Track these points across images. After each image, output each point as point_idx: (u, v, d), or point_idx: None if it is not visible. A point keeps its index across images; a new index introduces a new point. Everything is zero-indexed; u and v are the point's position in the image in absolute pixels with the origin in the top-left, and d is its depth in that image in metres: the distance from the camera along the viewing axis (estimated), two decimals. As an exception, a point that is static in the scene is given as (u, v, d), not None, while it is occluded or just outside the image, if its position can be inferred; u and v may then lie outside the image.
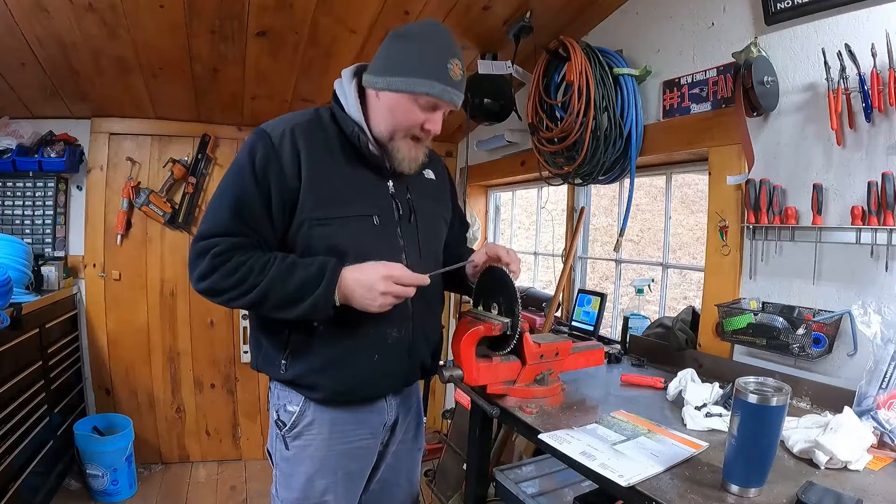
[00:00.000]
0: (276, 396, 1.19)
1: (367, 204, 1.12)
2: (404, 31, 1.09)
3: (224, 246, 1.03)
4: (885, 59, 1.15)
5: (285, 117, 1.14)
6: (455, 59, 1.08)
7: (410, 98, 1.07)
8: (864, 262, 1.22)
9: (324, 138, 1.12)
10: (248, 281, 1.02)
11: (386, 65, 1.08)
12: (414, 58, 1.06)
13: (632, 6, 1.90)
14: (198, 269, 1.04)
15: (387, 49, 1.10)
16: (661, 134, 1.76)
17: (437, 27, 1.11)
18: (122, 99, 2.58)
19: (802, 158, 1.36)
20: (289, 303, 1.03)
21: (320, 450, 1.16)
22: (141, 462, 2.83)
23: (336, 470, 1.17)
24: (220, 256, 1.03)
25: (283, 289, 1.03)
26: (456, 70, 1.08)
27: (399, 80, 1.06)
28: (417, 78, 1.05)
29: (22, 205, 2.64)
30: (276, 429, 1.18)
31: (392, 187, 1.17)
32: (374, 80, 1.10)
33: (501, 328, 1.16)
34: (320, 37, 2.10)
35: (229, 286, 1.03)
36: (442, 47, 1.07)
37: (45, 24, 1.92)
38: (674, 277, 3.79)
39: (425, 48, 1.06)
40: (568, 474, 1.53)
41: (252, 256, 1.04)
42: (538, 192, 2.89)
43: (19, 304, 2.02)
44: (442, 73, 1.06)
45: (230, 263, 1.02)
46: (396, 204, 1.17)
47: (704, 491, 0.84)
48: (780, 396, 0.79)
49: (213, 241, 1.04)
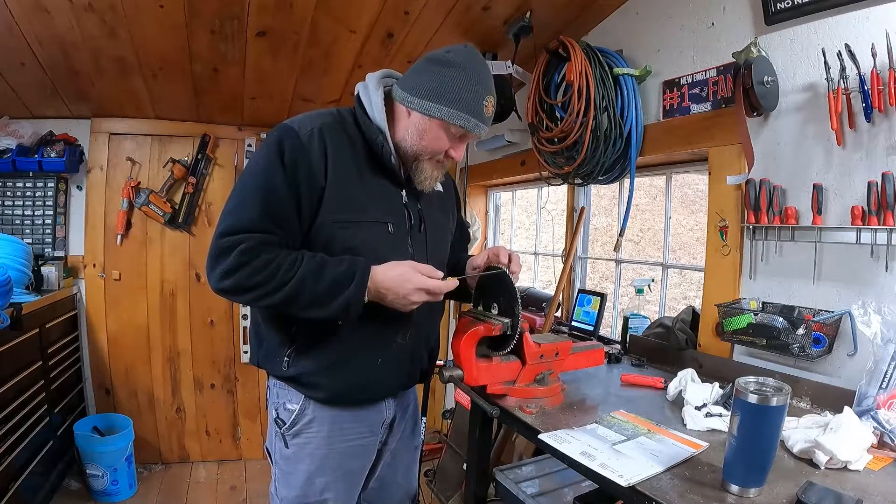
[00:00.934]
0: (275, 395, 1.19)
1: (382, 211, 1.13)
2: (448, 57, 1.08)
3: (251, 243, 1.01)
4: (885, 59, 1.14)
5: (309, 116, 1.13)
6: (490, 95, 1.11)
7: (443, 125, 1.09)
8: (864, 262, 1.22)
9: (348, 141, 1.12)
10: (276, 278, 1.00)
11: (426, 87, 1.08)
12: (455, 88, 1.07)
13: (632, 6, 1.90)
14: (221, 267, 1.01)
15: (427, 72, 1.09)
16: (661, 134, 1.76)
17: (479, 60, 1.11)
18: (122, 99, 2.58)
19: (802, 158, 1.35)
20: (320, 302, 1.02)
21: (320, 448, 1.16)
22: (141, 462, 2.83)
23: (336, 468, 1.17)
24: (248, 254, 1.00)
25: (314, 287, 1.02)
26: (489, 107, 1.12)
27: (437, 106, 1.07)
28: (455, 109, 1.07)
29: (22, 205, 2.64)
30: (276, 427, 1.18)
31: (405, 197, 1.19)
32: (409, 99, 1.10)
33: (501, 328, 1.15)
34: (320, 37, 2.10)
35: (256, 284, 1.00)
36: (482, 82, 1.09)
37: (45, 24, 1.92)
38: (674, 277, 3.79)
39: (467, 81, 1.07)
40: (568, 474, 1.53)
41: (280, 254, 1.02)
42: (538, 192, 2.89)
43: (19, 304, 2.02)
44: (478, 108, 1.09)
45: (257, 261, 1.00)
46: (408, 213, 1.18)
47: (704, 491, 0.84)
48: (780, 396, 0.79)
49: (239, 238, 1.01)
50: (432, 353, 1.32)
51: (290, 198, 1.04)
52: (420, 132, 1.11)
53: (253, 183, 1.05)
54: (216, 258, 1.02)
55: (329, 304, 1.02)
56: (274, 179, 1.04)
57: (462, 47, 1.11)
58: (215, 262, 1.02)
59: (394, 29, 2.07)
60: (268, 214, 1.03)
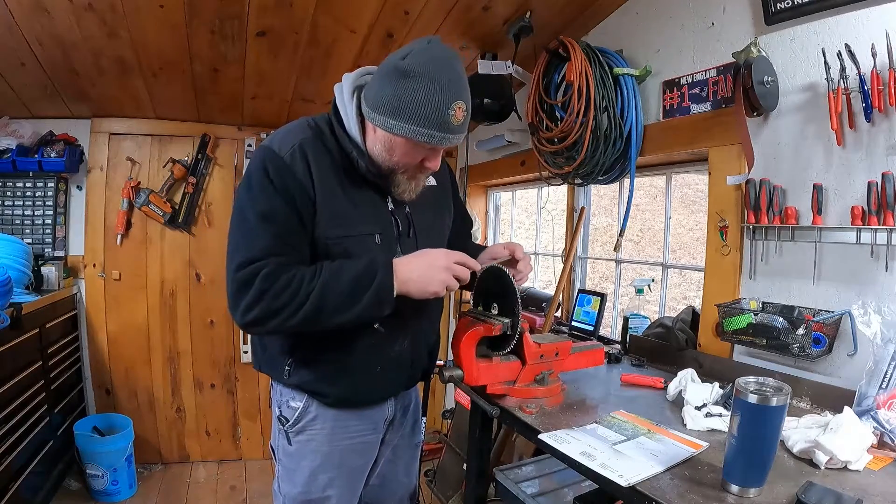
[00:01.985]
0: (278, 393, 1.20)
1: (369, 223, 1.11)
2: (404, 66, 0.97)
3: (272, 267, 0.99)
4: (885, 59, 1.14)
5: (287, 132, 1.09)
6: (459, 100, 0.99)
7: (409, 142, 1.02)
8: (864, 262, 1.22)
9: (328, 155, 1.09)
10: (301, 292, 0.98)
11: (385, 102, 0.99)
12: (414, 102, 0.97)
13: (632, 6, 1.90)
14: (245, 300, 0.98)
15: (387, 84, 0.99)
16: (661, 134, 1.76)
17: (442, 60, 0.99)
18: (122, 99, 2.58)
19: (802, 158, 1.35)
20: (348, 302, 1.00)
21: (323, 445, 1.16)
22: (141, 462, 2.83)
23: (338, 465, 1.18)
24: (269, 278, 0.98)
25: (338, 289, 1.00)
26: (459, 114, 1.00)
27: (398, 124, 0.99)
28: (417, 126, 0.99)
29: (22, 205, 2.64)
30: (279, 424, 1.19)
31: (390, 204, 1.16)
32: (371, 115, 1.03)
33: (501, 328, 1.15)
34: (320, 37, 2.10)
35: (282, 304, 0.98)
36: (447, 89, 0.97)
37: (45, 24, 1.92)
38: (674, 277, 3.79)
39: (427, 91, 0.96)
40: (568, 474, 1.53)
41: (299, 271, 1.01)
42: (538, 192, 2.89)
43: (19, 304, 2.02)
44: (443, 119, 0.99)
45: (279, 283, 0.98)
46: (395, 220, 1.16)
47: (704, 491, 0.84)
48: (780, 396, 0.79)
49: (258, 266, 0.99)
50: (432, 351, 1.33)
51: (292, 218, 1.03)
52: (387, 148, 1.05)
53: (253, 213, 1.03)
54: (237, 293, 0.99)
55: (358, 303, 1.00)
56: (272, 204, 1.02)
57: (423, 48, 0.99)
58: (238, 297, 0.99)
59: (394, 29, 2.07)
60: (278, 239, 1.02)
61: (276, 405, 1.20)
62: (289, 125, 1.13)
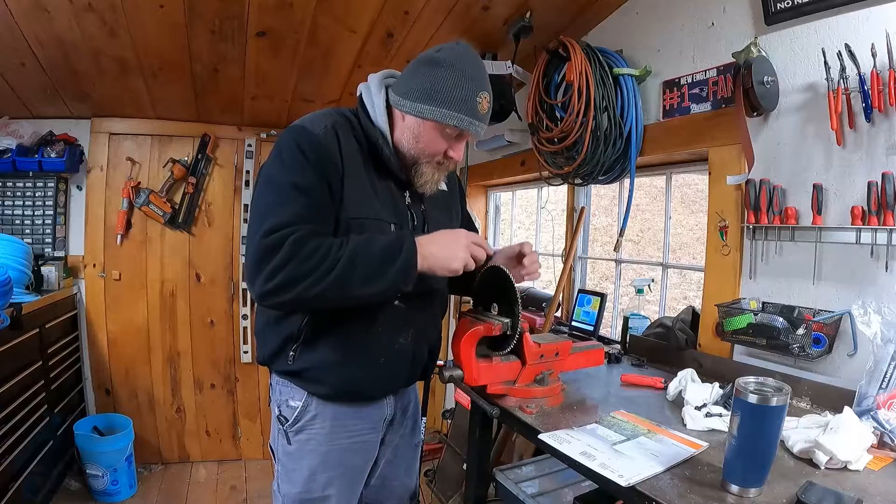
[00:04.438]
0: (277, 392, 1.20)
1: (387, 211, 1.13)
2: (438, 57, 1.07)
3: (303, 232, 0.99)
4: (885, 59, 1.14)
5: (317, 115, 1.12)
6: (484, 91, 1.08)
7: (437, 126, 1.08)
8: (864, 262, 1.22)
9: (355, 142, 1.12)
10: (329, 258, 0.97)
11: (417, 89, 1.07)
12: (446, 87, 1.05)
13: (632, 6, 1.90)
14: (270, 265, 0.96)
15: (417, 73, 1.08)
16: (661, 134, 1.76)
17: (471, 56, 1.09)
18: (122, 99, 2.58)
19: (802, 158, 1.35)
20: (374, 273, 1.00)
21: (322, 444, 1.16)
22: (141, 462, 2.83)
23: (338, 464, 1.18)
24: (299, 243, 0.97)
25: (367, 259, 0.99)
26: (484, 104, 1.09)
27: (428, 108, 1.06)
28: (447, 109, 1.06)
29: (22, 205, 2.64)
30: (279, 424, 1.19)
31: (408, 198, 1.19)
32: (401, 102, 1.10)
33: (501, 328, 1.15)
34: (320, 37, 2.10)
35: (309, 270, 0.97)
36: (474, 79, 1.07)
37: (45, 24, 1.92)
38: (674, 277, 3.79)
39: (458, 78, 1.06)
40: (568, 474, 1.53)
41: (327, 239, 1.01)
42: (538, 192, 2.89)
43: (19, 304, 2.02)
44: (472, 105, 1.07)
45: (308, 247, 0.97)
46: (412, 215, 1.18)
47: (704, 491, 0.84)
48: (780, 396, 0.79)
49: (290, 230, 0.98)
50: (433, 350, 1.33)
51: (325, 191, 1.04)
52: (415, 135, 1.10)
53: (286, 181, 1.02)
54: (263, 259, 0.97)
55: (387, 272, 0.99)
56: (305, 175, 1.03)
57: (453, 45, 1.09)
58: (262, 263, 0.97)
59: (394, 29, 2.07)
60: (310, 209, 1.02)
61: (275, 405, 1.20)
62: (317, 112, 1.15)
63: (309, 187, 1.03)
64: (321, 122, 1.09)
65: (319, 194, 1.04)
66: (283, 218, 0.99)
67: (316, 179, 1.03)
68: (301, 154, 1.04)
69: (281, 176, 1.04)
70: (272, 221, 0.99)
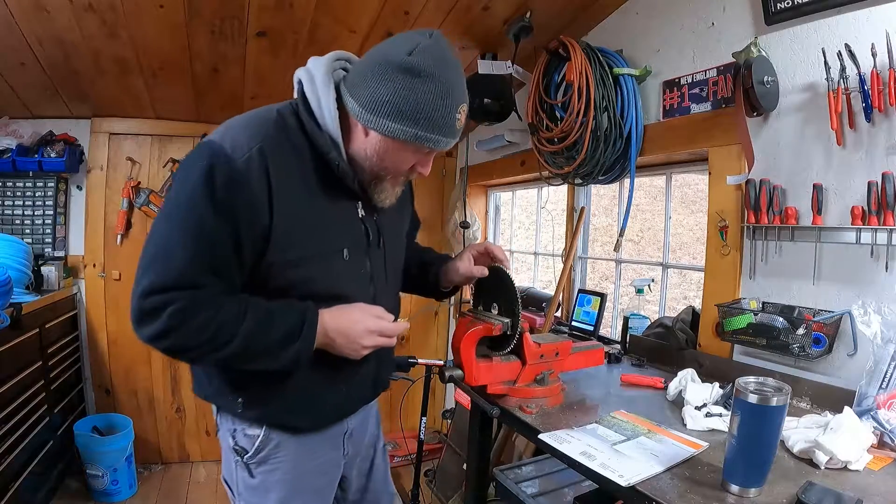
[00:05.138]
0: (228, 421, 1.05)
1: (338, 235, 1.00)
2: (413, 64, 0.86)
3: (183, 303, 0.84)
4: (885, 59, 1.14)
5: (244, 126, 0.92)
6: (464, 103, 0.93)
7: (409, 146, 0.93)
8: (864, 262, 1.22)
9: (294, 155, 0.93)
10: (218, 338, 0.86)
11: (387, 103, 0.88)
12: (425, 105, 0.88)
13: (632, 6, 1.90)
14: (149, 330, 0.84)
15: (388, 82, 0.87)
16: (661, 134, 1.76)
17: (448, 58, 0.90)
18: (122, 99, 2.58)
19: (802, 158, 1.35)
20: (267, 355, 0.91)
21: (289, 473, 1.05)
22: (141, 462, 2.83)
23: (308, 489, 1.09)
24: (179, 315, 0.83)
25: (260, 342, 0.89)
26: (462, 118, 0.94)
27: (402, 127, 0.89)
28: (424, 131, 0.90)
29: (22, 205, 2.64)
30: (236, 456, 1.04)
31: (361, 209, 1.04)
32: (366, 117, 0.90)
33: (501, 328, 1.15)
34: (320, 37, 2.10)
35: (195, 345, 0.86)
36: (454, 91, 0.90)
37: (45, 24, 1.92)
38: (674, 277, 3.79)
39: (439, 94, 0.88)
40: (568, 474, 1.53)
41: (220, 309, 0.86)
42: (538, 192, 2.89)
43: (19, 304, 2.02)
44: (451, 123, 0.92)
45: (194, 322, 0.84)
46: (366, 228, 1.05)
47: (704, 491, 0.84)
48: (780, 396, 0.79)
49: (166, 298, 0.83)
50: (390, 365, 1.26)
51: (227, 241, 0.87)
52: (380, 154, 0.94)
53: (178, 224, 0.86)
54: (141, 321, 0.85)
55: (277, 357, 0.91)
56: (205, 219, 0.85)
57: (428, 43, 0.88)
58: (140, 325, 0.85)
59: (394, 29, 2.07)
60: (200, 264, 0.86)
61: (227, 434, 1.05)
62: (246, 117, 0.96)
63: (207, 237, 0.85)
64: (246, 141, 0.89)
65: (219, 248, 0.87)
66: (164, 277, 0.84)
67: (220, 228, 0.86)
68: (207, 190, 0.85)
69: (175, 212, 0.87)
70: (151, 280, 0.84)
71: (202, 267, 0.86)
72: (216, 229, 0.86)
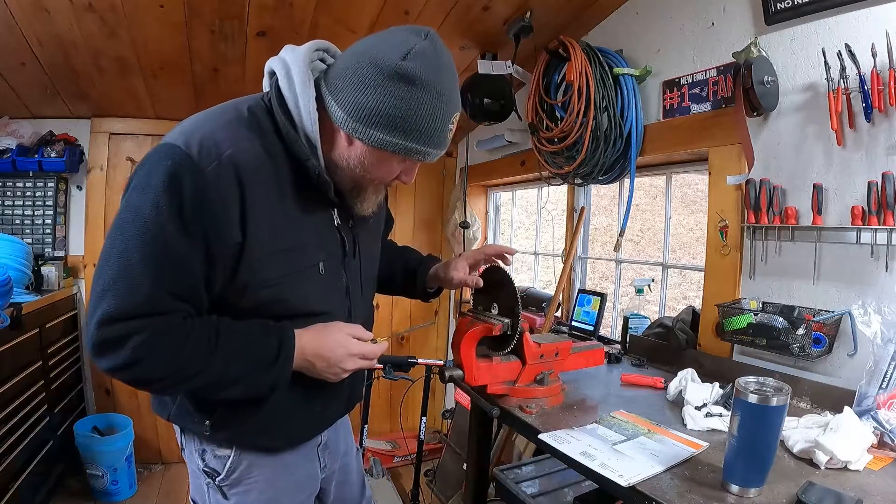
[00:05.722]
0: (195, 441, 0.98)
1: (313, 249, 0.93)
2: (407, 70, 0.79)
3: (149, 333, 0.76)
4: (885, 59, 1.14)
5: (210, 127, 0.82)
6: (457, 112, 0.88)
7: (397, 157, 0.87)
8: (864, 262, 1.22)
9: (267, 159, 0.85)
10: (188, 369, 0.80)
11: (378, 113, 0.80)
12: (419, 117, 0.81)
13: (632, 6, 1.90)
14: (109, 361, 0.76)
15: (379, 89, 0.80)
16: (661, 134, 1.76)
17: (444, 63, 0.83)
18: (122, 99, 2.58)
19: (802, 158, 1.35)
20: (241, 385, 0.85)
21: (265, 492, 0.99)
22: (141, 462, 2.83)
23: None
24: (144, 347, 0.75)
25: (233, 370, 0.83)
26: (454, 128, 0.88)
27: (393, 139, 0.82)
28: (415, 143, 0.84)
29: (22, 205, 2.64)
30: (206, 477, 0.97)
31: (336, 217, 0.98)
32: (353, 126, 0.83)
33: (501, 328, 1.15)
34: (320, 37, 2.06)
35: (161, 376, 0.79)
36: (449, 100, 0.84)
37: (45, 24, 1.92)
38: (674, 277, 3.79)
39: (435, 105, 0.82)
40: (568, 474, 1.53)
41: (190, 336, 0.79)
42: (538, 192, 2.89)
43: (19, 304, 2.02)
44: (444, 134, 0.86)
45: (159, 352, 0.77)
46: (341, 237, 0.99)
47: (704, 491, 0.84)
48: (780, 396, 0.79)
49: (131, 326, 0.75)
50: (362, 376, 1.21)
51: (195, 262, 0.78)
52: (364, 165, 0.88)
53: (139, 242, 0.75)
54: (101, 352, 0.76)
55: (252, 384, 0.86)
56: (170, 238, 0.76)
57: (423, 46, 0.80)
58: (100, 356, 0.76)
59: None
60: (165, 289, 0.77)
61: (193, 454, 0.98)
62: (212, 114, 0.87)
63: (174, 259, 0.77)
64: (215, 147, 0.79)
65: (188, 270, 0.78)
66: (125, 304, 0.75)
67: (188, 248, 0.77)
68: (173, 203, 0.75)
69: (136, 235, 0.76)
70: (112, 305, 0.75)
71: (166, 291, 0.77)
72: (183, 249, 0.77)
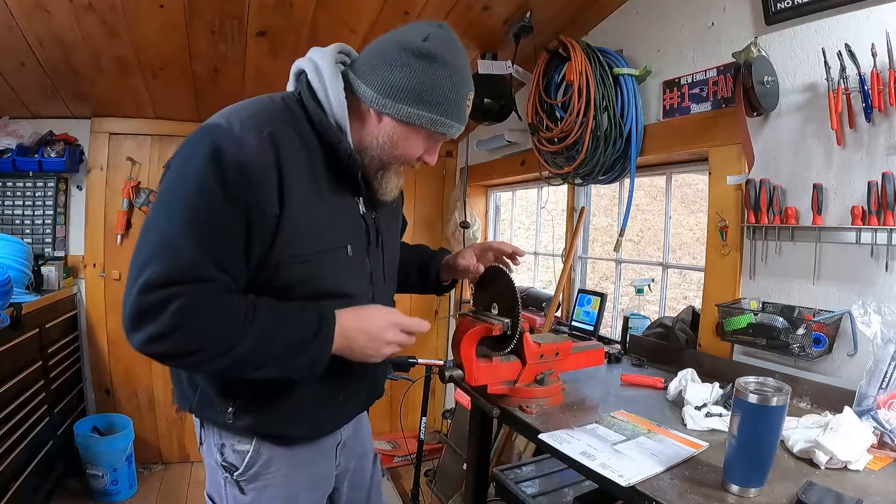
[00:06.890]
0: (214, 435, 0.98)
1: (342, 232, 0.96)
2: (429, 48, 0.88)
3: (190, 298, 0.76)
4: (885, 59, 1.15)
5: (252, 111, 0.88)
6: (471, 91, 0.95)
7: (423, 132, 0.93)
8: (864, 262, 1.22)
9: (302, 145, 0.89)
10: (225, 341, 0.79)
11: (404, 88, 0.88)
12: (443, 90, 0.89)
13: (632, 6, 1.90)
14: (149, 330, 0.76)
15: (405, 66, 0.88)
16: (661, 134, 1.76)
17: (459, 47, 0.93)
18: (122, 99, 2.58)
19: (802, 158, 1.36)
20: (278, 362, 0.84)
21: (282, 488, 0.99)
22: (141, 462, 2.83)
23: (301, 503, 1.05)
24: (186, 313, 0.76)
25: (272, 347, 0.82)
26: (470, 105, 0.96)
27: (418, 112, 0.89)
28: (441, 116, 0.91)
29: (22, 205, 2.64)
30: (224, 472, 0.98)
31: (361, 205, 1.01)
32: (381, 101, 0.90)
33: (501, 328, 1.15)
34: (320, 37, 2.10)
35: (196, 349, 0.78)
36: (465, 78, 0.93)
37: (45, 24, 1.92)
38: (674, 277, 3.79)
39: (455, 79, 0.90)
40: (568, 474, 1.53)
41: (228, 307, 0.80)
42: (538, 192, 2.89)
43: (19, 304, 2.02)
44: (463, 109, 0.94)
45: (199, 320, 0.77)
46: (366, 225, 1.02)
47: (704, 491, 0.84)
48: (780, 396, 0.79)
49: (172, 292, 0.76)
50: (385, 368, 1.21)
51: (236, 233, 0.80)
52: (393, 140, 0.93)
53: (185, 216, 0.78)
54: (140, 318, 0.76)
55: (290, 362, 0.85)
56: (213, 209, 0.78)
57: (439, 31, 0.91)
58: (139, 323, 0.76)
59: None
60: (208, 257, 0.78)
61: (213, 449, 0.98)
62: (249, 103, 0.91)
63: (216, 229, 0.79)
64: (255, 126, 0.84)
65: (229, 240, 0.80)
66: (169, 270, 0.76)
67: (231, 219, 0.79)
68: (217, 177, 0.78)
69: (181, 204, 0.78)
70: (155, 270, 0.76)
71: (210, 261, 0.79)
72: (224, 220, 0.79)
